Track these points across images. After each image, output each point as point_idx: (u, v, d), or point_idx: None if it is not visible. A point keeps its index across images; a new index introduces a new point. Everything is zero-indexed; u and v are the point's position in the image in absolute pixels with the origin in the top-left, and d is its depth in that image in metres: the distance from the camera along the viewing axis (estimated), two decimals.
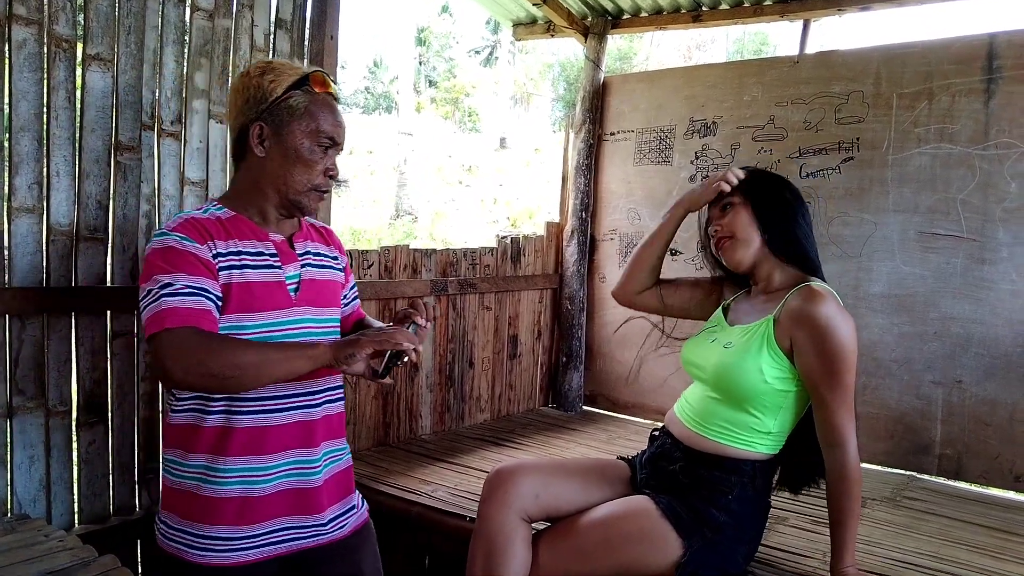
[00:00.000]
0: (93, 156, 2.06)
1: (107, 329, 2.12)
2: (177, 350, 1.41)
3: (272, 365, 1.46)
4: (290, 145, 1.59)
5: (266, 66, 1.62)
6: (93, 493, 2.11)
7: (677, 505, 1.86)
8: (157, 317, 1.43)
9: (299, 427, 1.63)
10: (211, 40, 2.31)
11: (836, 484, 1.79)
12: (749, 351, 1.85)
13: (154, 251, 1.52)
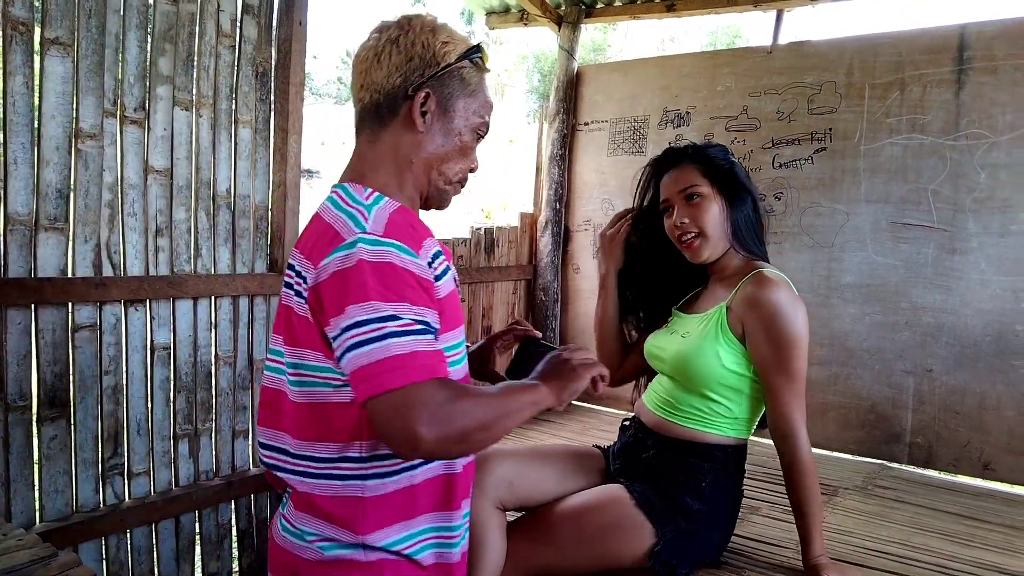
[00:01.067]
0: (53, 143, 2.00)
1: (69, 321, 2.07)
2: (432, 413, 1.09)
3: (509, 419, 1.20)
4: (455, 124, 1.33)
5: (433, 23, 1.33)
6: (55, 490, 2.05)
7: (651, 494, 1.85)
8: (394, 365, 1.10)
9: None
10: (176, 25, 2.26)
11: (792, 475, 1.80)
12: (705, 339, 1.84)
13: (368, 265, 1.14)
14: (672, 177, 1.93)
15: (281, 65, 2.58)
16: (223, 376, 2.49)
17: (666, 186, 1.95)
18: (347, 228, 1.19)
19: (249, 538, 2.63)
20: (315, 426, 1.25)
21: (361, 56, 1.31)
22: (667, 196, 1.94)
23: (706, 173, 1.89)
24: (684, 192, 1.89)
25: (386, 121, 1.31)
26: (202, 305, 2.40)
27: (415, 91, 1.29)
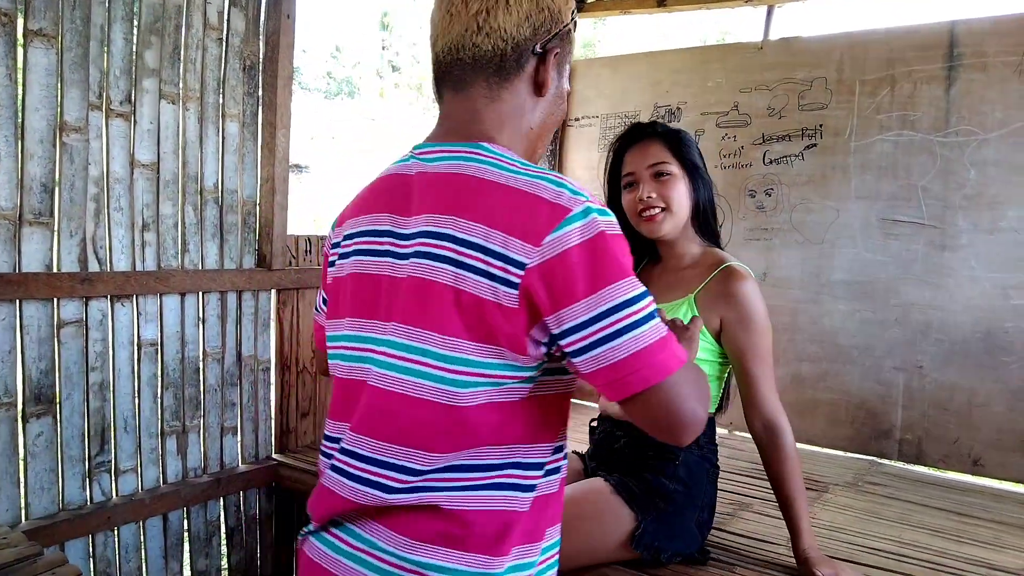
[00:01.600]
0: (37, 136, 1.97)
1: (54, 317, 2.04)
2: (700, 392, 1.01)
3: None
4: (563, 89, 1.16)
5: None
6: (40, 487, 2.03)
7: (628, 480, 1.85)
8: (666, 346, 0.97)
9: None
10: (162, 17, 2.23)
11: (780, 466, 1.81)
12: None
13: (612, 240, 0.97)
14: (640, 152, 1.89)
15: (269, 58, 2.56)
16: (211, 372, 2.47)
17: (632, 160, 1.90)
18: (560, 195, 0.97)
19: (238, 535, 2.61)
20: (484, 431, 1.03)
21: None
22: (633, 170, 1.89)
23: (675, 153, 1.87)
24: (653, 168, 1.86)
25: (510, 77, 1.09)
26: (189, 301, 2.38)
27: (545, 48, 1.09)
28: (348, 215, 1.15)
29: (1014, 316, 2.83)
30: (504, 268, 0.95)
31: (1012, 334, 2.83)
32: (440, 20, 1.10)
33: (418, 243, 1.02)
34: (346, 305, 1.11)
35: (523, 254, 0.94)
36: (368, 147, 19.32)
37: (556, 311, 0.95)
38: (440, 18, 1.10)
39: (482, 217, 0.98)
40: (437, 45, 1.11)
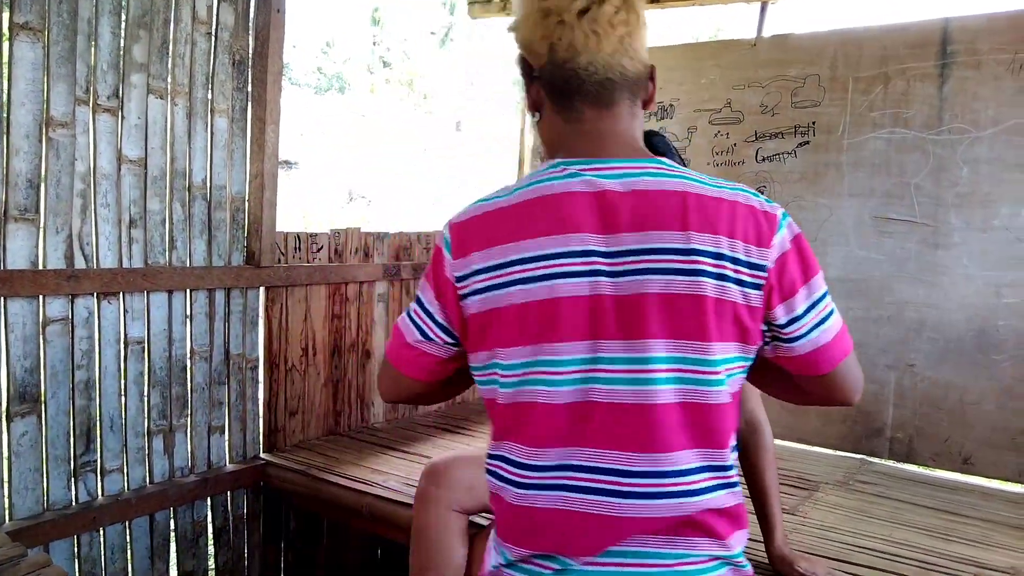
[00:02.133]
0: (23, 132, 1.95)
1: (40, 315, 2.02)
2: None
3: None
4: None
5: None
6: (25, 487, 2.01)
7: None
8: (844, 325, 1.19)
9: None
10: (150, 11, 2.20)
11: (760, 463, 1.85)
12: None
13: (803, 236, 1.14)
14: None
15: (259, 53, 2.53)
16: (199, 371, 2.45)
17: None
18: (761, 202, 1.12)
19: (225, 535, 2.59)
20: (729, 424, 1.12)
21: (619, 16, 1.11)
22: None
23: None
24: None
25: (640, 94, 1.17)
26: (177, 298, 2.36)
27: (653, 71, 1.17)
28: (479, 243, 1.10)
29: (1007, 314, 2.83)
30: (752, 274, 1.07)
31: (1004, 332, 2.84)
32: (582, 37, 1.10)
33: (646, 260, 1.05)
34: (529, 332, 1.08)
35: (761, 259, 1.07)
36: (358, 143, 19.26)
37: (784, 302, 1.10)
38: (582, 36, 1.10)
39: (723, 229, 1.06)
40: (577, 61, 1.11)
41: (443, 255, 1.12)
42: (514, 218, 1.09)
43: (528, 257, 1.07)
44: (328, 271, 2.87)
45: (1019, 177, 2.81)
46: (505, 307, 1.08)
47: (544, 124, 1.20)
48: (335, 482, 2.49)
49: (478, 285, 1.09)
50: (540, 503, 1.10)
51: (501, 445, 1.15)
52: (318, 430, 2.92)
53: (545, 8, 1.11)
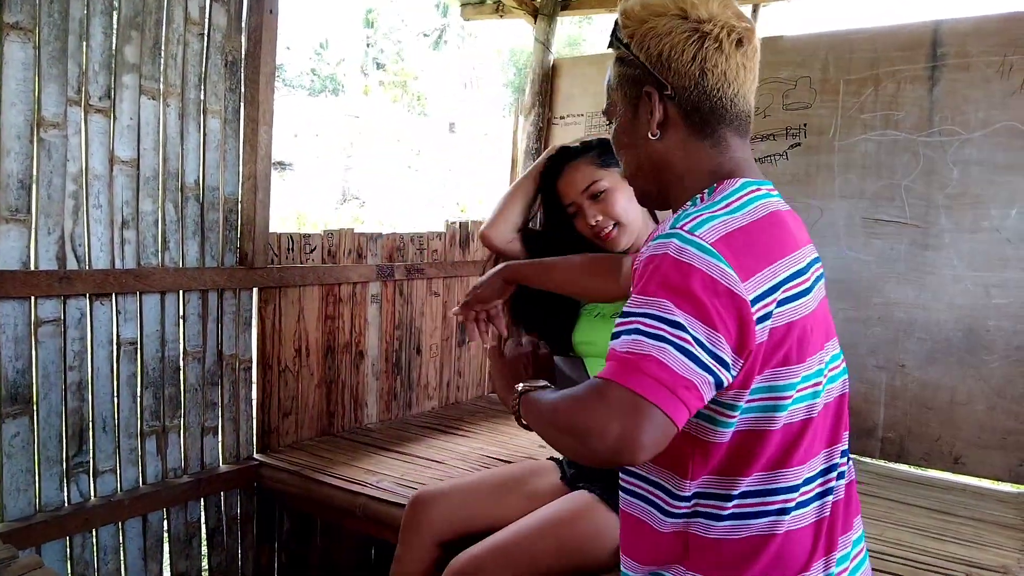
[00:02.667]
0: (14, 132, 1.94)
1: (31, 316, 2.01)
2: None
3: None
4: None
5: None
6: (16, 488, 2.00)
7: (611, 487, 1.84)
8: None
9: None
10: (142, 12, 2.20)
11: None
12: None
13: None
14: (569, 179, 1.88)
15: (251, 54, 2.53)
16: (191, 372, 2.44)
17: (566, 191, 1.89)
18: None
19: (219, 536, 2.58)
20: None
21: (758, 54, 1.16)
22: (572, 200, 1.88)
23: (604, 163, 1.85)
24: (587, 191, 1.85)
25: None
26: (170, 299, 2.35)
27: None
28: (758, 261, 1.01)
29: (996, 315, 2.85)
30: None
31: (994, 333, 2.85)
32: (735, 69, 1.11)
33: (817, 269, 1.13)
34: (813, 340, 1.08)
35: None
36: (352, 144, 19.24)
37: None
38: (735, 67, 1.11)
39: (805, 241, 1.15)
40: (726, 91, 1.11)
41: (727, 276, 0.96)
42: (767, 234, 1.05)
43: (794, 272, 1.05)
44: (321, 272, 2.87)
45: (1009, 179, 2.82)
46: (794, 323, 1.03)
47: (673, 144, 1.13)
48: (328, 483, 2.49)
49: (770, 308, 1.00)
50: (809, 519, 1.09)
51: (772, 477, 1.06)
52: (311, 431, 2.92)
53: (701, 31, 1.09)
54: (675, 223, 1.02)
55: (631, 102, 1.15)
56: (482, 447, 2.97)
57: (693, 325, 0.93)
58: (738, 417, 1.03)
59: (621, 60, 1.16)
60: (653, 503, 1.12)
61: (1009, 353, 2.83)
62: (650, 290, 0.96)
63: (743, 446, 1.04)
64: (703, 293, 0.94)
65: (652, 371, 0.92)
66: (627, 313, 0.98)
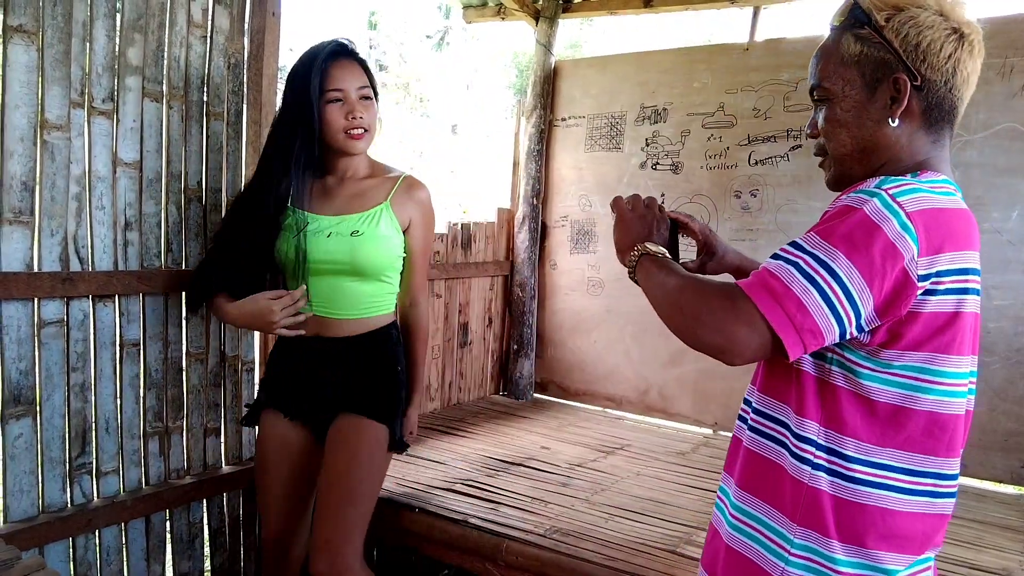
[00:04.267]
0: (17, 135, 1.95)
1: (35, 317, 2.02)
2: None
3: None
4: None
5: None
6: (20, 489, 2.01)
7: (373, 403, 2.12)
8: None
9: None
10: (145, 14, 2.21)
11: (416, 335, 2.25)
12: (379, 233, 2.08)
13: None
14: (348, 71, 2.06)
15: (254, 56, 2.54)
16: (194, 373, 2.45)
17: (342, 75, 2.04)
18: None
19: (221, 537, 2.59)
20: None
21: None
22: (343, 88, 2.03)
23: (371, 80, 2.11)
24: (361, 90, 2.06)
25: None
26: (173, 300, 2.36)
27: None
28: (947, 242, 1.04)
29: (996, 317, 2.85)
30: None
31: (994, 334, 2.85)
32: (974, 76, 1.16)
33: (975, 280, 1.10)
34: (969, 343, 1.11)
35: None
36: None
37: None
38: (975, 74, 1.16)
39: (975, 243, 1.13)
40: (963, 95, 1.16)
41: (908, 247, 1.00)
42: (960, 224, 1.07)
43: (973, 268, 1.08)
44: None
45: (1010, 181, 2.83)
46: (962, 314, 1.07)
47: (902, 133, 1.14)
48: None
49: (941, 287, 1.04)
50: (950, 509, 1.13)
51: (923, 459, 1.10)
52: None
53: (960, 32, 1.12)
54: (881, 184, 1.05)
55: (869, 83, 1.14)
56: (483, 448, 2.97)
57: (852, 276, 1.00)
58: (889, 376, 1.07)
59: (862, 39, 1.14)
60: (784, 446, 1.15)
61: (1010, 355, 2.83)
62: (831, 238, 1.02)
63: (893, 417, 1.08)
64: (878, 254, 0.99)
65: (788, 307, 1.01)
66: (798, 246, 1.04)
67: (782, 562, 1.11)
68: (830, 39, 1.20)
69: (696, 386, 3.52)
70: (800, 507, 1.10)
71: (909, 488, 1.09)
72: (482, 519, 2.27)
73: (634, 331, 3.72)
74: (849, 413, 1.08)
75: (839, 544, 1.08)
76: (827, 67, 1.19)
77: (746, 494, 1.18)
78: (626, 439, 3.27)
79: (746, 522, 1.17)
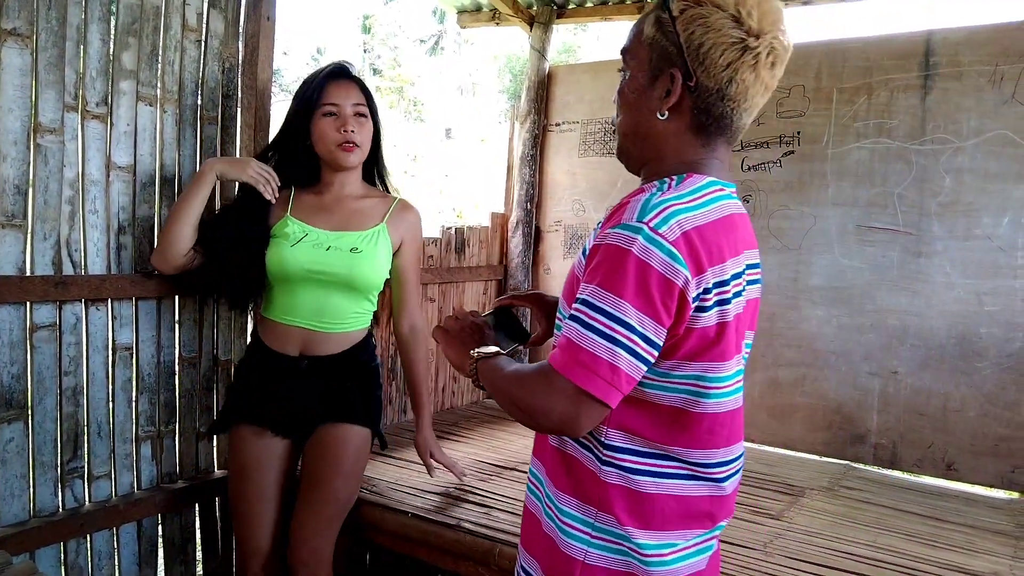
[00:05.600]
0: (11, 138, 1.94)
1: (27, 321, 2.01)
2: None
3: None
4: None
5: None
6: (11, 494, 2.00)
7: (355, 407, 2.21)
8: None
9: None
10: (140, 18, 2.21)
11: (418, 361, 2.36)
12: (377, 253, 2.18)
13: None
14: (345, 89, 2.17)
15: (249, 61, 2.54)
16: (186, 377, 2.45)
17: (338, 92, 2.16)
18: None
19: (213, 542, 2.58)
20: None
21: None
22: (339, 103, 2.15)
23: (368, 101, 2.20)
24: (356, 107, 2.17)
25: None
26: (165, 305, 2.36)
27: None
28: (710, 258, 1.08)
29: (988, 322, 2.86)
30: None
31: (986, 340, 2.87)
32: (758, 92, 1.15)
33: (751, 273, 1.18)
34: (735, 345, 1.16)
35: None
36: None
37: None
38: (760, 90, 1.15)
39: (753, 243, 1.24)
40: (746, 110, 1.16)
41: (678, 274, 1.05)
42: (720, 236, 1.11)
43: (736, 274, 1.13)
44: None
45: (1001, 187, 2.85)
46: (728, 323, 1.12)
47: (671, 129, 1.16)
48: None
49: (709, 302, 1.08)
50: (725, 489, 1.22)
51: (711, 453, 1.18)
52: None
53: (746, 43, 1.10)
54: (642, 214, 1.06)
55: (652, 70, 1.15)
56: (476, 452, 2.97)
57: (643, 323, 1.05)
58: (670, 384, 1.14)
59: (659, 24, 1.13)
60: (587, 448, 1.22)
61: (1001, 360, 2.85)
62: (614, 289, 1.05)
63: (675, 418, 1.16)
64: (657, 292, 1.04)
65: (600, 371, 1.05)
66: (586, 302, 1.07)
67: (586, 546, 1.19)
68: (645, 13, 1.18)
69: None
70: (600, 499, 1.18)
71: (697, 476, 1.18)
72: (475, 523, 2.26)
73: None
74: (638, 418, 1.15)
75: (636, 529, 1.16)
76: (633, 39, 1.19)
77: (557, 490, 1.25)
78: None
79: (555, 512, 1.24)
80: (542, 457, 1.31)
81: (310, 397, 2.18)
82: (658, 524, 1.17)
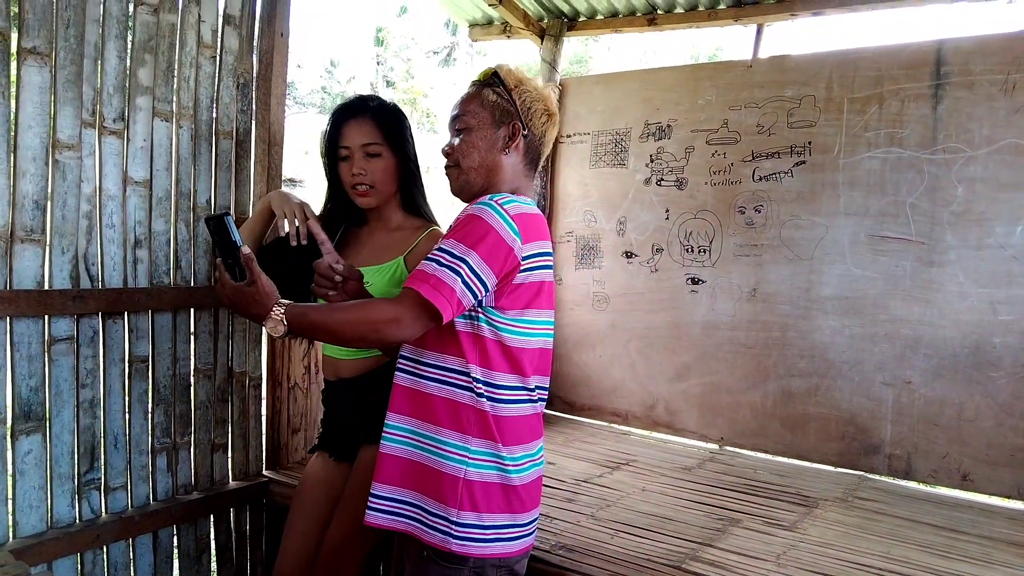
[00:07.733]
0: (30, 154, 1.98)
1: (45, 334, 2.04)
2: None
3: None
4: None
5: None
6: (29, 505, 2.02)
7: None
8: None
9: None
10: (156, 36, 2.25)
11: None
12: (386, 286, 2.07)
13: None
14: (356, 127, 2.08)
15: (263, 76, 2.58)
16: (202, 389, 2.47)
17: (347, 135, 2.08)
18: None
19: (228, 552, 2.60)
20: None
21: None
22: (348, 145, 2.08)
23: (385, 132, 2.08)
24: (365, 147, 2.07)
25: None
26: (181, 317, 2.38)
27: None
28: (533, 235, 1.61)
29: (1002, 331, 2.85)
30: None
31: (1000, 349, 2.85)
32: (551, 140, 1.82)
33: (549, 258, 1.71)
34: (549, 300, 1.70)
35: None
36: None
37: None
38: (552, 139, 1.81)
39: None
40: (546, 151, 1.81)
41: (513, 239, 1.55)
42: (540, 225, 1.66)
43: (549, 252, 1.69)
44: None
45: (1013, 196, 2.84)
46: (545, 283, 1.66)
47: (509, 163, 1.72)
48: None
49: (532, 265, 1.61)
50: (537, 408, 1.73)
51: (540, 379, 1.71)
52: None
53: (549, 110, 1.76)
54: (492, 198, 1.59)
55: (497, 122, 1.70)
56: None
57: (481, 268, 1.53)
58: (531, 339, 1.65)
59: (497, 94, 1.70)
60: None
61: (1016, 370, 2.83)
62: (460, 236, 1.54)
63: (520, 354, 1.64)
64: (492, 244, 1.54)
65: (443, 291, 1.50)
66: (441, 248, 1.56)
67: (465, 465, 1.59)
68: (473, 90, 1.74)
69: (702, 400, 3.52)
70: (474, 424, 1.60)
71: (528, 399, 1.67)
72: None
73: (639, 346, 3.72)
74: (495, 355, 1.61)
75: (503, 446, 1.61)
76: (470, 107, 1.72)
77: (425, 423, 1.64)
78: (632, 454, 3.28)
79: (427, 443, 1.63)
80: (400, 407, 1.68)
81: (349, 419, 2.16)
82: (518, 439, 1.64)
